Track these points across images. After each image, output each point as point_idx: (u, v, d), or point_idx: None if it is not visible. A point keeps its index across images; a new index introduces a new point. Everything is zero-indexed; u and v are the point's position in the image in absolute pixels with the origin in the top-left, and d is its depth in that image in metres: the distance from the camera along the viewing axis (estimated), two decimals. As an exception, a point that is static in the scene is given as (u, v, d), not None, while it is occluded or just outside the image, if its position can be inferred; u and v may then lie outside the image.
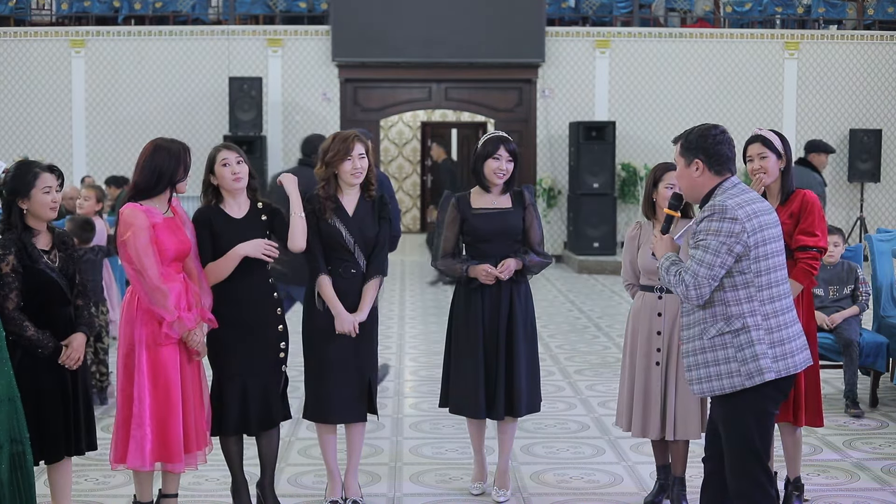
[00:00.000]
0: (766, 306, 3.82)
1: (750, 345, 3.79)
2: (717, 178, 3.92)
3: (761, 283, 3.81)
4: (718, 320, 3.83)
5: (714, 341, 3.84)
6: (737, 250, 3.77)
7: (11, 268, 4.25)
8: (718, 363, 3.84)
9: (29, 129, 15.99)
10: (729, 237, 3.76)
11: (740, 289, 3.80)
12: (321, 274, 4.85)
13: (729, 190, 3.89)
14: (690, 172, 3.94)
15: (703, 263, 3.77)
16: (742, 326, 3.80)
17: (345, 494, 5.06)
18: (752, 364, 3.79)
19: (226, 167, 4.70)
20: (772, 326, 3.83)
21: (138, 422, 4.45)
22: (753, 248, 3.79)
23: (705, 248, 3.77)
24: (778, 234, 3.90)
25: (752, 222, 3.80)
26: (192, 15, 16.39)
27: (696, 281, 3.77)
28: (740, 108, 16.29)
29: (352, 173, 4.85)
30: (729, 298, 3.81)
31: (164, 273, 4.42)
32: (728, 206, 3.79)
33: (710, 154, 3.90)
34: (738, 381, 3.81)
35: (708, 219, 3.81)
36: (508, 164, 5.09)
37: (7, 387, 4.10)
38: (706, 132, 3.94)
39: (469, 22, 15.84)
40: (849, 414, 6.72)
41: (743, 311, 3.80)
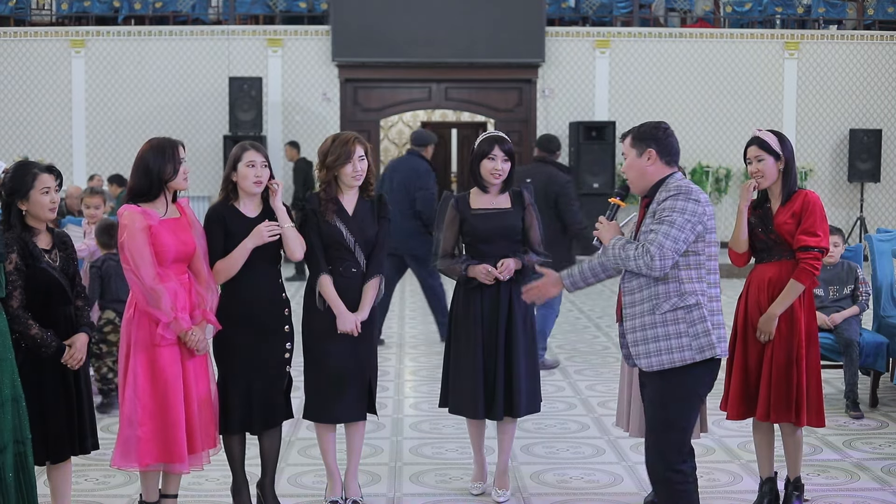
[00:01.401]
0: (711, 289, 4.00)
1: (702, 320, 3.92)
2: (667, 169, 4.04)
3: (710, 266, 3.99)
4: (672, 296, 3.94)
5: (666, 316, 3.93)
6: (698, 230, 3.92)
7: (15, 266, 4.26)
8: (670, 337, 3.93)
9: (29, 129, 16.00)
10: (693, 216, 3.90)
11: (693, 268, 3.95)
12: (322, 273, 4.85)
13: (682, 180, 4.02)
14: (642, 162, 4.06)
15: (668, 237, 3.88)
16: (695, 303, 3.93)
17: (345, 494, 5.06)
18: (703, 339, 3.92)
19: (251, 168, 4.70)
20: (713, 309, 3.99)
21: (129, 422, 4.45)
22: (708, 232, 3.95)
23: (671, 223, 3.89)
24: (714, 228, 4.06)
25: (709, 207, 3.98)
26: (192, 15, 16.39)
27: (662, 252, 3.88)
28: (740, 108, 16.30)
29: (353, 176, 4.86)
30: (683, 276, 3.94)
31: (161, 274, 4.42)
32: (693, 189, 3.96)
33: (661, 144, 4.03)
34: (689, 354, 3.92)
35: (673, 198, 3.93)
36: (504, 164, 5.09)
37: (11, 387, 4.11)
38: (658, 125, 4.10)
39: (469, 22, 15.84)
40: (849, 415, 6.72)
41: (695, 288, 3.94)
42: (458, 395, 5.16)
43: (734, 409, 4.97)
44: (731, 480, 5.52)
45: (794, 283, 4.79)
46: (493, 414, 5.11)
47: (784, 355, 4.83)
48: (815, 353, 4.92)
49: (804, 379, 4.84)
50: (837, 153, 16.41)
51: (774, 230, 4.86)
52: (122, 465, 4.53)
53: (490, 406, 5.10)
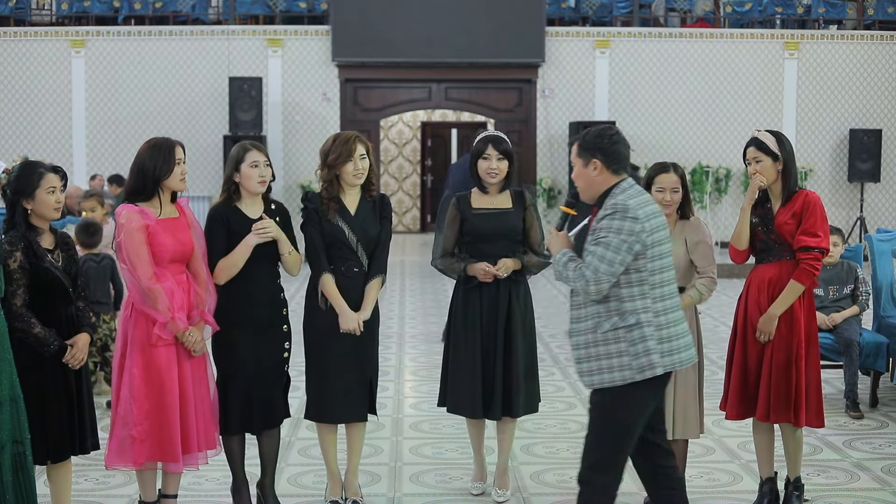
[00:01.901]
0: (658, 304, 3.92)
1: (642, 340, 3.88)
2: (614, 178, 3.99)
3: (654, 281, 3.91)
4: (613, 315, 3.91)
5: (608, 335, 3.91)
6: (636, 249, 3.86)
7: (19, 264, 4.26)
8: (611, 356, 3.90)
9: (29, 129, 16.00)
10: (630, 236, 3.84)
11: (635, 286, 3.89)
12: (324, 272, 4.85)
13: (627, 190, 3.96)
14: (588, 172, 4.00)
15: (604, 260, 3.84)
16: (636, 322, 3.89)
17: (345, 494, 5.06)
18: (643, 358, 3.88)
19: (255, 168, 4.71)
20: (661, 323, 3.92)
21: (123, 422, 4.45)
22: (650, 248, 3.89)
23: (606, 245, 3.85)
24: (667, 237, 4.00)
25: (650, 222, 3.90)
26: (192, 15, 16.40)
27: (597, 277, 3.85)
28: (740, 108, 16.30)
29: (354, 174, 4.86)
30: (624, 294, 3.89)
31: (158, 273, 4.41)
32: (630, 206, 3.88)
33: (607, 153, 3.96)
34: (629, 374, 3.89)
35: (610, 217, 3.88)
36: (500, 163, 5.08)
37: (10, 387, 4.11)
38: (602, 132, 4.02)
39: (469, 22, 15.84)
40: (849, 415, 6.72)
41: (636, 307, 3.89)
42: (457, 394, 5.16)
43: (734, 409, 4.97)
44: (731, 480, 5.52)
45: (794, 284, 4.79)
46: (492, 414, 5.11)
47: (784, 355, 4.83)
48: (814, 353, 4.91)
49: (804, 379, 4.83)
50: (837, 153, 16.41)
51: (775, 230, 4.85)
52: (117, 465, 4.53)
53: (488, 406, 5.10)
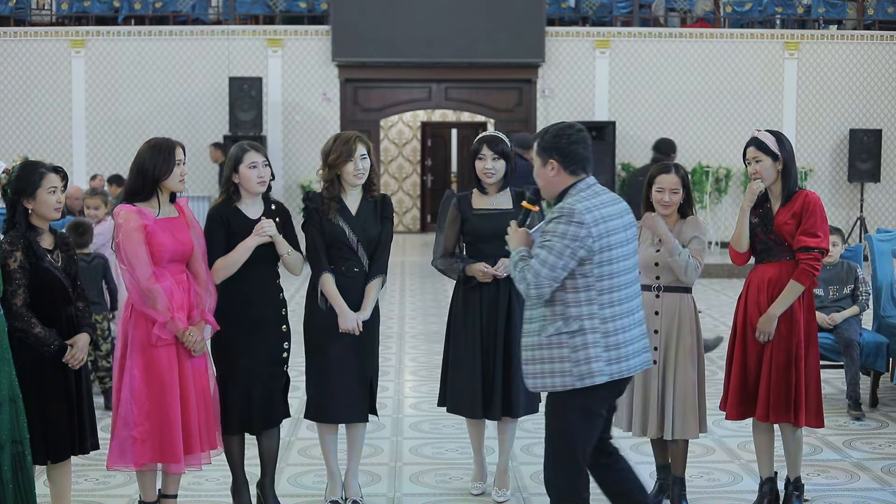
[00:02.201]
0: (606, 310, 3.87)
1: (584, 347, 3.84)
2: (571, 178, 3.94)
3: (602, 286, 3.86)
4: (557, 319, 3.87)
5: (551, 339, 3.87)
6: (580, 254, 3.80)
7: (19, 264, 4.26)
8: (553, 361, 3.87)
9: (29, 129, 15.99)
10: (574, 241, 3.79)
11: (581, 291, 3.84)
12: (324, 272, 4.85)
13: (582, 191, 3.91)
14: (546, 172, 3.97)
15: (545, 264, 3.80)
16: (579, 329, 3.84)
17: (345, 494, 5.06)
18: (584, 366, 3.84)
19: (253, 169, 4.71)
20: (609, 330, 3.87)
21: (124, 422, 4.45)
22: (598, 253, 3.83)
23: (550, 248, 3.80)
24: (626, 240, 3.93)
25: (598, 227, 3.83)
26: (192, 15, 16.39)
27: (538, 280, 3.81)
28: (740, 108, 16.29)
29: (354, 174, 4.86)
30: (569, 299, 3.85)
31: (157, 273, 4.41)
32: (576, 210, 3.82)
33: (564, 154, 3.92)
34: (570, 381, 3.86)
35: (556, 220, 3.84)
36: (495, 163, 5.08)
37: (9, 387, 4.11)
38: (561, 132, 3.97)
39: (469, 22, 15.83)
40: (850, 415, 6.72)
41: (581, 313, 3.84)
42: (457, 394, 5.16)
43: (733, 409, 4.97)
44: (731, 480, 5.52)
45: (793, 284, 4.79)
46: (492, 414, 5.11)
47: (783, 355, 4.83)
48: (814, 353, 4.91)
49: (803, 379, 4.83)
50: (837, 153, 16.41)
51: (774, 230, 4.85)
52: (118, 465, 4.52)
53: (488, 406, 5.10)
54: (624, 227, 3.93)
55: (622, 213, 3.96)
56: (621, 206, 3.98)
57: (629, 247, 3.95)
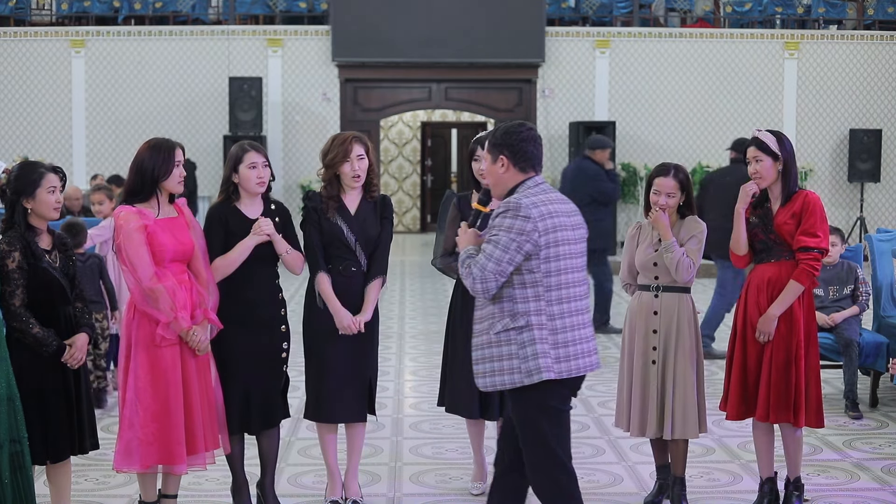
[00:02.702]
0: (553, 307, 3.85)
1: (532, 343, 3.82)
2: (521, 175, 3.94)
3: (550, 283, 3.84)
4: (505, 316, 3.86)
5: (500, 337, 3.86)
6: (526, 248, 3.79)
7: (17, 264, 4.26)
8: (502, 359, 3.86)
9: (29, 129, 15.99)
10: (520, 235, 3.78)
11: (528, 287, 3.83)
12: (320, 272, 4.85)
13: (530, 188, 3.91)
14: (496, 168, 3.97)
15: (491, 258, 3.79)
16: (526, 324, 3.83)
17: (345, 494, 5.06)
18: (531, 362, 3.81)
19: (253, 170, 4.71)
20: (557, 327, 3.85)
21: (130, 424, 4.45)
22: (544, 248, 3.81)
23: (496, 243, 3.80)
24: (575, 239, 3.91)
25: (545, 222, 3.82)
26: (192, 15, 16.39)
27: (483, 275, 3.80)
28: (740, 108, 16.29)
29: (351, 175, 4.86)
30: (517, 296, 3.84)
31: (158, 273, 4.41)
32: (522, 204, 3.82)
33: (514, 151, 3.92)
34: (518, 377, 3.84)
35: (502, 215, 3.83)
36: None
37: (7, 386, 4.11)
38: (511, 129, 3.98)
39: (469, 22, 15.83)
40: (848, 415, 6.72)
41: (529, 309, 3.83)
42: (455, 394, 5.16)
43: (733, 409, 4.97)
44: (731, 480, 5.52)
45: (793, 284, 4.79)
46: (489, 414, 5.11)
47: (783, 355, 4.83)
48: (814, 353, 4.91)
49: (803, 379, 4.83)
50: (837, 153, 16.41)
51: (774, 230, 4.85)
52: (124, 468, 4.52)
53: (486, 406, 5.10)
54: (572, 227, 3.92)
55: (571, 214, 3.95)
56: (570, 207, 3.98)
57: (577, 247, 3.93)
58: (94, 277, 7.02)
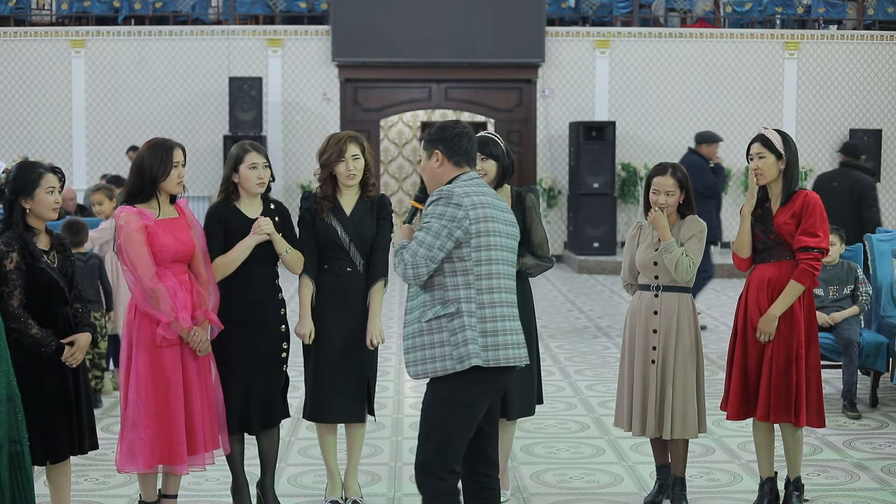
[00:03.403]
0: (483, 295, 3.87)
1: (462, 329, 3.83)
2: (455, 170, 3.98)
3: (480, 272, 3.86)
4: (436, 304, 3.88)
5: (431, 324, 3.88)
6: (456, 235, 3.83)
7: (15, 265, 4.26)
8: (434, 346, 3.88)
9: (29, 129, 15.99)
10: (451, 221, 3.82)
11: (459, 275, 3.86)
12: (306, 274, 4.86)
13: (465, 181, 3.95)
14: (431, 164, 4.02)
15: (423, 244, 3.83)
16: (456, 311, 3.85)
17: (345, 494, 5.06)
18: (462, 348, 3.83)
19: (253, 170, 4.71)
20: (486, 316, 3.87)
21: (132, 425, 4.45)
22: (475, 237, 3.85)
23: (427, 229, 3.84)
24: (507, 234, 3.93)
25: (476, 211, 3.86)
26: (192, 15, 16.39)
27: (415, 260, 3.84)
28: (740, 108, 16.29)
29: (346, 174, 4.87)
30: (447, 283, 3.87)
31: (159, 273, 4.41)
32: (454, 193, 3.87)
33: (448, 145, 3.97)
34: (450, 364, 3.85)
35: (435, 202, 3.88)
36: (484, 164, 5.02)
37: (7, 386, 4.11)
38: (446, 125, 4.04)
39: (469, 22, 15.83)
40: (846, 415, 6.72)
41: (459, 296, 3.85)
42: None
43: (734, 409, 4.96)
44: (731, 480, 5.52)
45: (794, 284, 4.79)
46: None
47: (784, 355, 4.83)
48: (815, 353, 4.91)
49: (804, 379, 4.83)
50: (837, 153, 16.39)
51: (774, 230, 4.85)
52: (127, 468, 4.52)
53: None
54: (504, 222, 3.96)
55: (504, 210, 4.00)
56: (503, 205, 4.02)
57: (508, 242, 3.96)
58: (93, 277, 7.03)
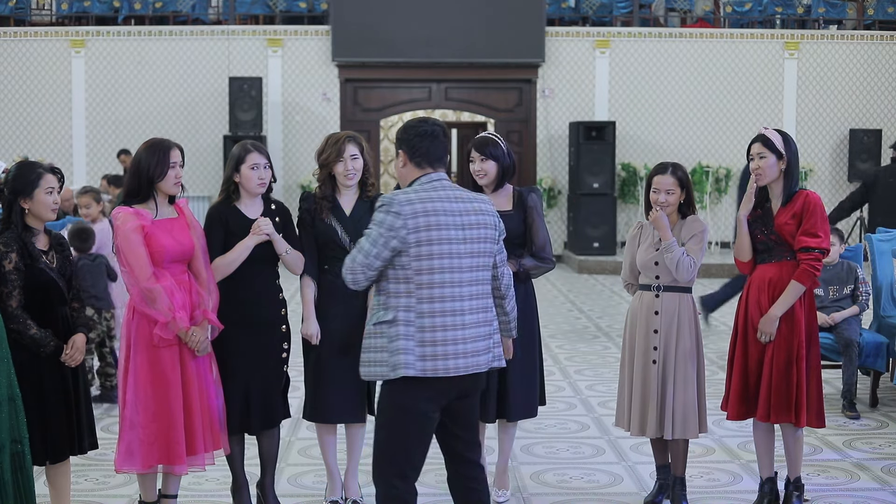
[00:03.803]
0: (424, 305, 3.80)
1: (397, 338, 3.81)
2: (417, 171, 3.93)
3: (421, 281, 3.80)
4: (381, 309, 3.87)
5: (374, 328, 3.87)
6: (392, 244, 3.78)
7: (14, 266, 4.26)
8: (375, 350, 3.87)
9: (29, 129, 15.99)
10: (388, 230, 3.78)
11: (401, 282, 3.82)
12: (307, 275, 4.86)
13: (423, 184, 3.89)
14: (398, 164, 4.01)
15: (361, 251, 3.82)
16: (394, 319, 3.82)
17: (345, 494, 5.06)
18: (395, 357, 3.80)
19: (254, 171, 4.71)
20: (425, 325, 3.80)
21: (131, 425, 4.45)
22: (414, 246, 3.78)
23: (367, 236, 3.83)
24: (462, 239, 3.82)
25: (416, 220, 3.77)
26: (192, 15, 16.39)
27: (353, 266, 3.83)
28: (740, 108, 16.29)
29: (345, 174, 4.87)
30: (391, 290, 3.84)
31: (157, 273, 4.40)
32: (396, 200, 3.81)
33: (410, 146, 3.93)
34: (384, 371, 3.84)
35: (378, 209, 3.85)
36: (484, 165, 5.05)
37: (8, 386, 4.11)
38: (409, 125, 3.98)
39: (469, 22, 15.84)
40: (845, 415, 6.72)
41: (399, 304, 3.82)
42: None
43: (734, 409, 4.96)
44: (731, 480, 5.52)
45: (794, 284, 4.79)
46: (486, 416, 5.08)
47: (784, 356, 4.83)
48: (815, 353, 4.91)
49: (804, 379, 4.83)
50: (837, 153, 16.41)
51: (775, 231, 4.85)
52: (126, 468, 4.52)
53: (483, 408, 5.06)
54: (460, 227, 3.83)
55: (464, 213, 3.86)
56: (466, 206, 3.87)
57: (462, 247, 3.83)
58: (102, 275, 7.05)
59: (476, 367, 3.89)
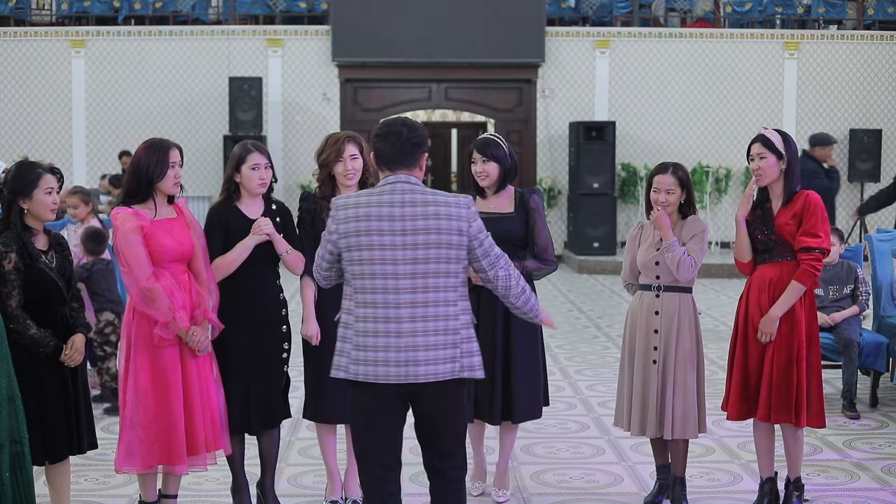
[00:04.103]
0: (360, 309, 3.76)
1: (342, 339, 3.81)
2: (382, 173, 3.85)
3: (356, 285, 3.76)
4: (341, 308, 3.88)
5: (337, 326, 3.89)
6: (329, 248, 3.81)
7: (14, 265, 4.26)
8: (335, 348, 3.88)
9: (29, 129, 15.99)
10: (327, 234, 3.82)
11: (348, 284, 3.82)
12: (307, 275, 4.85)
13: (379, 187, 3.80)
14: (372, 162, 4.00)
15: (317, 252, 3.89)
16: (343, 321, 3.83)
17: (345, 494, 5.06)
18: (336, 357, 3.82)
19: (255, 171, 4.70)
20: (360, 330, 3.75)
21: (131, 425, 4.45)
22: (345, 251, 3.75)
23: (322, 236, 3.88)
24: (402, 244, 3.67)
25: (347, 225, 3.72)
26: (192, 15, 16.39)
27: (313, 265, 3.92)
28: (740, 108, 16.29)
29: (345, 174, 4.87)
30: (346, 290, 3.84)
31: (156, 273, 4.40)
32: (337, 204, 3.79)
33: (373, 148, 3.89)
34: (333, 371, 3.84)
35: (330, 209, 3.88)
36: (486, 166, 5.05)
37: (8, 387, 4.11)
38: (379, 126, 3.90)
39: (469, 22, 15.84)
40: (845, 415, 6.72)
41: (346, 306, 3.83)
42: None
43: (734, 409, 4.96)
44: (731, 480, 5.52)
45: (795, 285, 4.79)
46: (491, 418, 5.08)
47: (784, 356, 4.83)
48: (815, 353, 4.91)
49: (804, 379, 4.83)
50: (837, 153, 16.36)
51: (775, 231, 4.85)
52: (125, 468, 4.51)
53: (487, 409, 5.07)
54: (401, 232, 3.68)
55: (408, 218, 3.70)
56: (417, 211, 3.70)
57: (401, 253, 3.68)
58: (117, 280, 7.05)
59: (416, 378, 3.72)
